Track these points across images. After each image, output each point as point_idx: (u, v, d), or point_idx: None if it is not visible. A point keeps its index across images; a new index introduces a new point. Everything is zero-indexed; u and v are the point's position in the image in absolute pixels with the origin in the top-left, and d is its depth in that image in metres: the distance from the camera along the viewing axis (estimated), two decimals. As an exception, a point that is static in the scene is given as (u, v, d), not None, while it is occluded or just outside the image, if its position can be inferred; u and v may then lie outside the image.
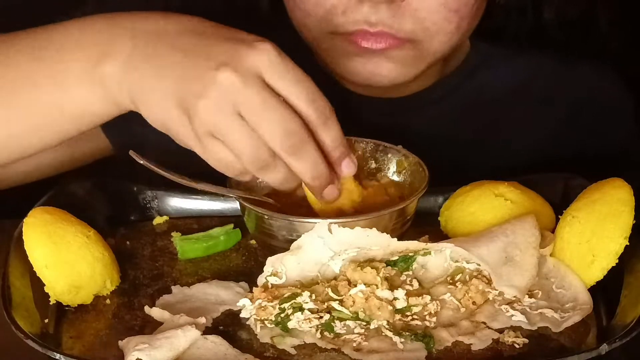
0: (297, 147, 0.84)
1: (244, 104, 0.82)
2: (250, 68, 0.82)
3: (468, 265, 0.90)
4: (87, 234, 0.92)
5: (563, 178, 1.03)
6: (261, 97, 0.82)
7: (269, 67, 0.83)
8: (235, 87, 0.82)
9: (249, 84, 0.82)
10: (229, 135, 0.83)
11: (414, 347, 0.84)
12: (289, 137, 0.83)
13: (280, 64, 0.83)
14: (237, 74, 0.82)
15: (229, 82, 0.82)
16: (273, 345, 0.85)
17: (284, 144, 0.83)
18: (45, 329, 0.86)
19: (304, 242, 0.88)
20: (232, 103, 0.82)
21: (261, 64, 0.83)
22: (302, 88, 0.84)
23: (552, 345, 0.85)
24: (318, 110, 0.84)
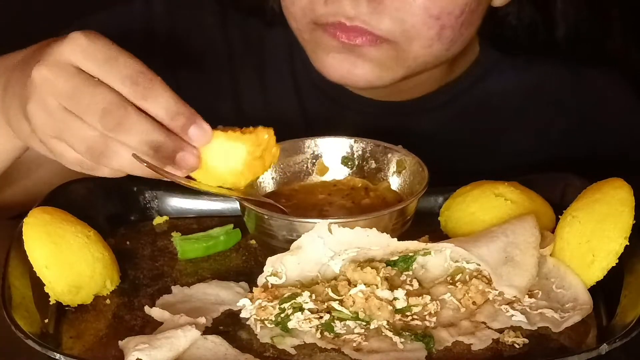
0: (119, 121, 0.82)
1: (60, 94, 0.84)
2: (59, 59, 0.84)
3: (468, 265, 0.90)
4: (87, 234, 0.92)
5: (563, 178, 1.03)
6: (72, 83, 0.83)
7: (78, 52, 0.84)
8: (47, 80, 0.84)
9: (59, 73, 0.84)
10: (63, 130, 0.85)
11: (414, 347, 0.84)
12: (108, 113, 0.82)
13: (90, 46, 0.84)
14: (47, 67, 0.84)
15: (41, 76, 0.84)
16: (273, 345, 0.85)
17: (106, 123, 0.82)
18: (45, 329, 0.86)
19: (304, 242, 0.88)
20: (51, 96, 0.84)
21: (70, 51, 0.84)
22: (114, 65, 0.83)
23: (552, 345, 0.85)
24: (136, 83, 0.83)
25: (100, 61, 0.83)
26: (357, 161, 1.02)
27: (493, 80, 1.20)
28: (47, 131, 0.85)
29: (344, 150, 1.02)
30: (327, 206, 0.98)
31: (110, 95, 0.82)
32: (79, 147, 0.84)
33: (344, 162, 1.02)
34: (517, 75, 1.21)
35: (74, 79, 0.83)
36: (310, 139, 1.03)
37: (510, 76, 1.20)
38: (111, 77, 0.83)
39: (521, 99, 1.20)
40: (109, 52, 0.84)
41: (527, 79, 1.21)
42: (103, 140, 0.83)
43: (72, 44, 0.84)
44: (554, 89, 1.21)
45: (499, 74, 1.20)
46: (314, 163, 1.02)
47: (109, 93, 0.83)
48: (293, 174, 1.02)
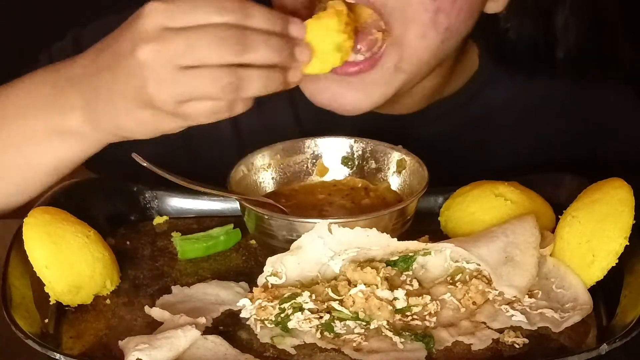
0: (241, 43, 0.85)
1: (174, 57, 0.85)
2: (152, 30, 0.85)
3: (468, 265, 0.90)
4: (87, 234, 0.92)
5: (563, 178, 1.03)
6: (177, 41, 0.85)
7: (162, 17, 0.85)
8: (153, 53, 0.85)
9: (159, 41, 0.85)
10: (190, 88, 0.86)
11: (414, 347, 0.84)
12: (228, 43, 0.85)
13: (169, 6, 0.86)
14: (145, 43, 0.85)
15: (145, 55, 0.85)
16: (273, 345, 0.85)
17: (229, 51, 0.85)
18: (45, 329, 0.86)
19: (304, 242, 0.88)
20: (166, 65, 0.85)
21: (154, 21, 0.85)
22: (202, 7, 0.86)
23: (552, 345, 0.85)
24: (232, 11, 0.86)
25: (188, 11, 0.85)
26: (357, 161, 1.02)
27: (492, 94, 1.17)
28: (178, 98, 0.87)
29: (344, 150, 1.02)
30: (327, 206, 0.98)
31: (218, 28, 0.85)
32: (214, 93, 0.86)
33: (344, 162, 1.02)
34: (517, 89, 1.19)
35: (176, 38, 0.85)
36: (310, 139, 1.03)
37: (510, 90, 1.18)
38: (207, 18, 0.85)
39: (521, 113, 1.19)
40: (190, 3, 0.86)
41: (528, 93, 1.19)
42: (233, 73, 0.86)
43: (152, 14, 0.86)
44: (554, 104, 1.19)
45: (498, 88, 1.18)
46: (314, 163, 1.02)
47: (215, 26, 0.85)
48: (293, 174, 1.02)
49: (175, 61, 0.85)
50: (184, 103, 0.87)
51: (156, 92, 0.87)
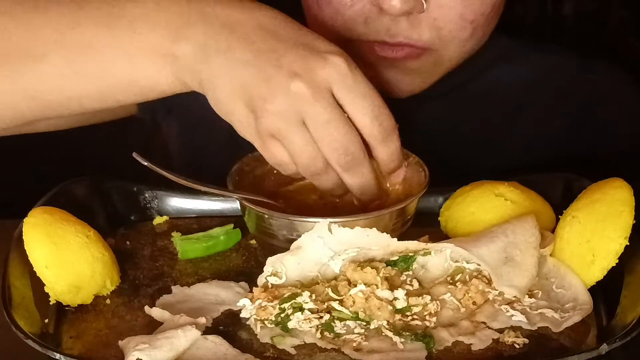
0: (352, 164, 0.87)
1: (311, 117, 0.84)
2: (321, 82, 0.84)
3: (468, 265, 0.90)
4: (87, 234, 0.92)
5: (563, 178, 1.03)
6: (328, 113, 0.84)
7: (338, 80, 0.84)
8: (305, 99, 0.83)
9: (318, 98, 0.84)
10: (290, 141, 0.86)
11: (414, 347, 0.84)
12: (347, 155, 0.86)
13: (350, 77, 0.84)
14: (308, 86, 0.83)
15: (300, 93, 0.83)
16: (273, 345, 0.85)
17: (341, 160, 0.86)
18: (45, 329, 0.86)
19: (304, 242, 0.88)
20: (299, 113, 0.84)
21: (332, 77, 0.84)
22: (368, 103, 0.85)
23: (552, 345, 0.85)
24: (381, 127, 0.87)
25: (358, 95, 0.85)
26: None
27: (500, 70, 1.20)
28: (274, 132, 0.86)
29: None
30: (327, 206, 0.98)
31: (356, 138, 0.86)
32: (302, 162, 0.86)
33: None
34: (524, 66, 1.21)
35: (329, 109, 0.84)
36: None
37: (517, 66, 1.21)
38: (363, 115, 0.86)
39: (527, 90, 1.21)
40: (365, 87, 0.85)
41: (534, 69, 1.21)
42: (326, 166, 0.87)
43: (336, 69, 0.84)
44: (560, 80, 1.21)
45: (506, 63, 1.21)
46: None
47: (357, 135, 0.86)
48: None
49: (305, 117, 0.84)
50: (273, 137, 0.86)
51: (269, 113, 0.84)
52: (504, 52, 1.20)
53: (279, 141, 0.86)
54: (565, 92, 1.21)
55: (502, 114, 1.21)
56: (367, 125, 0.86)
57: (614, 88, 1.22)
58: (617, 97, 1.22)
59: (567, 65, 1.22)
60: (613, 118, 1.21)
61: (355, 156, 0.86)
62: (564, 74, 1.21)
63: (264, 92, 0.84)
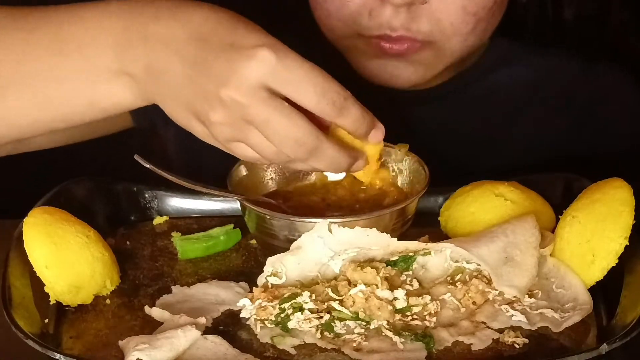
0: (309, 152, 0.84)
1: (251, 119, 0.82)
2: (251, 82, 0.81)
3: (468, 265, 0.90)
4: (87, 234, 0.92)
5: (563, 178, 1.03)
6: (265, 111, 0.82)
7: (269, 74, 0.81)
8: (239, 104, 0.82)
9: (252, 99, 0.81)
10: (249, 142, 0.84)
11: (414, 347, 0.84)
12: (299, 145, 0.83)
13: (281, 68, 0.81)
14: (238, 91, 0.81)
15: (231, 101, 0.82)
16: (273, 345, 0.85)
17: (296, 152, 0.84)
18: (45, 329, 0.86)
19: (304, 242, 0.88)
20: (241, 118, 0.82)
21: (261, 74, 0.81)
22: (308, 86, 0.82)
23: (552, 345, 0.85)
24: (330, 103, 0.83)
25: (294, 82, 0.82)
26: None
27: (502, 72, 1.21)
28: (229, 138, 0.85)
29: None
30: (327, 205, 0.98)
31: (303, 125, 0.83)
32: (264, 156, 0.85)
33: None
34: (525, 68, 1.22)
35: (268, 107, 0.82)
36: None
37: (519, 68, 1.21)
38: (307, 99, 0.83)
39: (528, 92, 1.21)
40: (300, 71, 0.82)
41: (535, 71, 1.22)
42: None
43: (262, 64, 0.81)
44: (561, 82, 1.22)
45: (508, 66, 1.21)
46: None
47: (302, 122, 0.83)
48: (292, 174, 1.02)
49: (250, 121, 0.83)
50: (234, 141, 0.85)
51: (216, 124, 0.84)
52: (506, 54, 1.21)
53: (240, 142, 0.85)
54: (565, 93, 1.21)
55: (503, 116, 1.21)
56: (315, 108, 0.83)
57: (614, 88, 1.23)
58: (617, 97, 1.23)
59: (568, 67, 1.22)
60: (613, 118, 1.22)
61: (309, 144, 0.83)
62: (565, 76, 1.22)
63: (203, 106, 0.83)
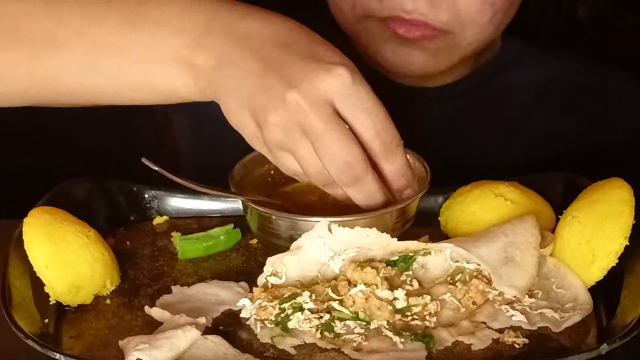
0: (353, 179, 0.84)
1: (308, 129, 0.82)
2: (320, 94, 0.82)
3: (468, 265, 0.90)
4: (87, 234, 0.92)
5: (563, 178, 1.03)
6: (325, 125, 0.82)
7: (340, 94, 0.82)
8: (301, 110, 0.82)
9: (316, 110, 0.82)
10: (296, 152, 0.84)
11: (414, 347, 0.84)
12: (347, 169, 0.83)
13: (352, 91, 0.82)
14: (305, 98, 0.81)
15: (295, 105, 0.82)
16: (273, 345, 0.85)
17: (341, 175, 0.84)
18: (45, 329, 0.86)
19: (304, 242, 0.88)
20: (298, 125, 0.83)
21: (333, 90, 0.82)
22: (370, 118, 0.83)
23: (552, 345, 0.85)
24: (384, 142, 0.84)
25: (360, 110, 0.83)
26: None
27: (511, 73, 1.21)
28: (279, 144, 0.85)
29: None
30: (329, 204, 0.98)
31: (356, 151, 0.83)
32: (310, 172, 0.85)
33: None
34: (534, 68, 1.22)
35: (329, 123, 0.82)
36: None
37: (528, 69, 1.22)
38: (364, 130, 0.83)
39: (537, 93, 1.22)
40: (369, 102, 0.83)
41: (544, 72, 1.22)
42: (331, 180, 0.85)
43: (338, 81, 0.81)
44: (568, 83, 1.22)
45: (519, 67, 1.21)
46: None
47: (357, 149, 0.83)
48: None
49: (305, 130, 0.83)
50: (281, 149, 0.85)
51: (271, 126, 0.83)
52: (516, 55, 1.21)
53: (288, 152, 0.85)
54: (572, 94, 1.21)
55: (508, 117, 1.21)
56: (368, 141, 0.84)
57: (618, 88, 1.23)
58: (619, 97, 1.23)
59: (575, 68, 1.22)
60: (614, 118, 1.22)
61: (356, 172, 0.84)
62: (571, 77, 1.22)
63: (264, 102, 0.83)
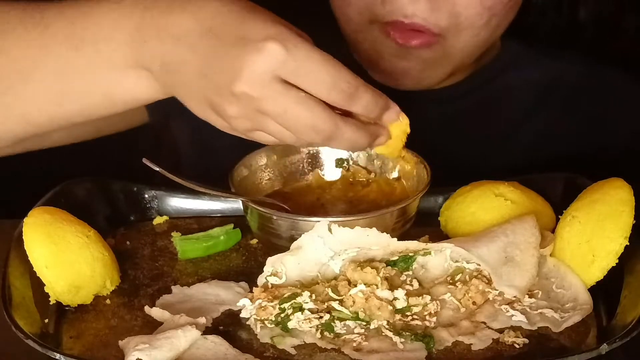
0: (327, 137, 0.85)
1: (267, 112, 0.83)
2: (261, 75, 0.82)
3: (468, 265, 0.90)
4: (87, 234, 0.92)
5: (563, 178, 1.03)
6: (279, 104, 0.83)
7: (278, 67, 0.82)
8: (252, 98, 0.83)
9: (264, 92, 0.82)
10: (266, 130, 0.85)
11: (414, 347, 0.84)
12: (316, 131, 0.84)
13: (289, 59, 0.82)
14: (250, 85, 0.82)
15: (244, 95, 0.82)
16: (273, 345, 0.85)
17: (314, 137, 0.85)
18: (45, 329, 0.86)
19: (304, 242, 0.88)
20: (256, 110, 0.83)
21: (270, 67, 0.82)
22: (317, 76, 0.83)
23: (552, 345, 0.85)
24: (342, 91, 0.84)
25: (303, 73, 0.83)
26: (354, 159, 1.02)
27: (511, 74, 1.21)
28: (248, 129, 0.86)
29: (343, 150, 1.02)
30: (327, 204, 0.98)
31: (318, 112, 0.84)
32: (284, 140, 0.86)
33: (338, 164, 1.02)
34: (535, 70, 1.22)
35: (281, 99, 0.83)
36: None
37: (529, 71, 1.22)
38: (317, 89, 0.83)
39: (537, 94, 1.21)
40: (310, 62, 0.83)
41: (541, 76, 1.22)
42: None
43: (271, 57, 0.82)
44: (568, 84, 1.22)
45: (518, 68, 1.21)
46: (309, 162, 1.03)
47: (317, 108, 0.83)
48: (290, 174, 1.02)
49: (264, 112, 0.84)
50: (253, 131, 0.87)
51: (233, 119, 0.85)
52: (516, 57, 1.21)
53: (260, 131, 0.86)
54: (571, 95, 1.21)
55: (508, 118, 1.21)
56: (326, 98, 0.84)
57: (617, 89, 1.23)
58: (619, 98, 1.22)
59: (574, 69, 1.22)
60: (614, 118, 1.22)
61: (326, 130, 0.85)
62: (571, 78, 1.22)
63: (217, 100, 0.85)
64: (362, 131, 0.87)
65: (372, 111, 0.87)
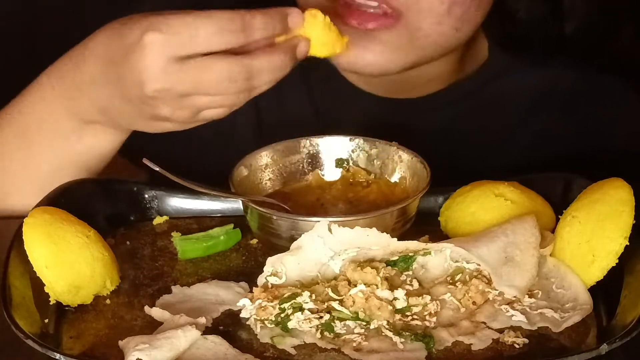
0: (246, 80, 0.87)
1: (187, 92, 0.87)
2: (157, 67, 0.86)
3: (468, 265, 0.90)
4: (87, 234, 0.91)
5: (563, 178, 1.03)
6: (186, 79, 0.86)
7: (166, 50, 0.86)
8: (166, 94, 0.88)
9: (172, 77, 0.86)
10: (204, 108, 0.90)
11: (414, 347, 0.84)
12: (234, 82, 0.87)
13: (169, 38, 0.86)
14: (154, 85, 0.87)
15: (158, 96, 0.88)
16: (273, 345, 0.85)
17: (238, 88, 0.88)
18: (45, 329, 0.86)
19: (304, 242, 0.88)
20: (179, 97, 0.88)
21: (158, 54, 0.86)
22: (202, 34, 0.86)
23: (552, 345, 0.85)
24: (231, 32, 0.86)
25: (187, 40, 0.85)
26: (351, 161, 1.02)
27: (503, 83, 1.20)
28: (191, 116, 0.90)
29: (340, 150, 1.02)
30: (327, 204, 0.98)
31: (221, 64, 0.86)
32: (225, 105, 0.90)
33: (338, 164, 1.02)
34: (526, 78, 1.21)
35: (186, 75, 0.86)
36: (305, 138, 1.03)
37: (520, 79, 1.21)
38: (208, 45, 0.86)
39: (529, 102, 1.21)
40: (187, 28, 0.86)
41: (536, 81, 1.21)
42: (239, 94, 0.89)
43: (153, 48, 0.86)
44: (563, 89, 1.21)
45: (509, 76, 1.20)
46: (309, 162, 1.03)
47: (220, 64, 0.86)
48: (290, 174, 1.02)
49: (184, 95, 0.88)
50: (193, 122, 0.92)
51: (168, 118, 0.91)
52: (506, 65, 1.20)
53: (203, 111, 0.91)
54: (567, 99, 1.21)
55: (505, 123, 1.21)
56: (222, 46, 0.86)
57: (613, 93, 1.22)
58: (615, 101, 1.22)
59: (569, 74, 1.21)
60: (612, 120, 1.21)
61: (242, 72, 0.87)
62: (567, 82, 1.21)
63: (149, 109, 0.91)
64: (276, 52, 0.89)
65: (273, 28, 0.89)
